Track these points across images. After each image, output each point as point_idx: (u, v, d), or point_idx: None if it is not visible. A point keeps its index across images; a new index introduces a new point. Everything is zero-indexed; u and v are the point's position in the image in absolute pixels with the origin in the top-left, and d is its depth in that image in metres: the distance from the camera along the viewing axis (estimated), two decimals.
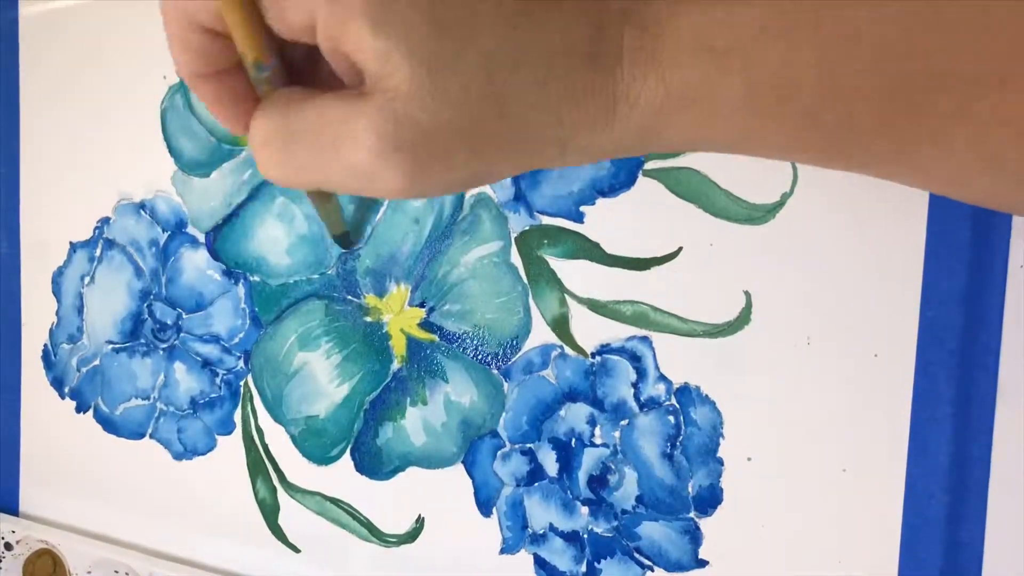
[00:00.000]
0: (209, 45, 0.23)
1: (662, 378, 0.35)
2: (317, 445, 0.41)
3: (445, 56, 0.21)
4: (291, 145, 0.23)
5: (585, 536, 0.36)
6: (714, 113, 0.22)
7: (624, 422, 0.36)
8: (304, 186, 0.24)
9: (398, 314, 0.39)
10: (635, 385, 0.35)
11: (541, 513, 0.37)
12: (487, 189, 0.37)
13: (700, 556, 0.35)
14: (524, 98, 0.22)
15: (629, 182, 0.35)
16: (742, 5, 0.21)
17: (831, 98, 0.21)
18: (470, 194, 0.37)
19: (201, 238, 0.42)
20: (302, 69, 0.25)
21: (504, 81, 0.21)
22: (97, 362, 0.45)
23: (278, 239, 0.40)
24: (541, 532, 0.37)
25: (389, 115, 0.21)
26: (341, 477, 0.40)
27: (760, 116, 0.22)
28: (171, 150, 0.43)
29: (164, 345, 0.43)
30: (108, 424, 0.45)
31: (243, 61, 0.24)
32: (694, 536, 0.35)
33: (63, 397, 0.46)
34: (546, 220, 0.36)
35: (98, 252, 0.45)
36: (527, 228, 0.37)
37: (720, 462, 0.35)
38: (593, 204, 0.36)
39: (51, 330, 0.46)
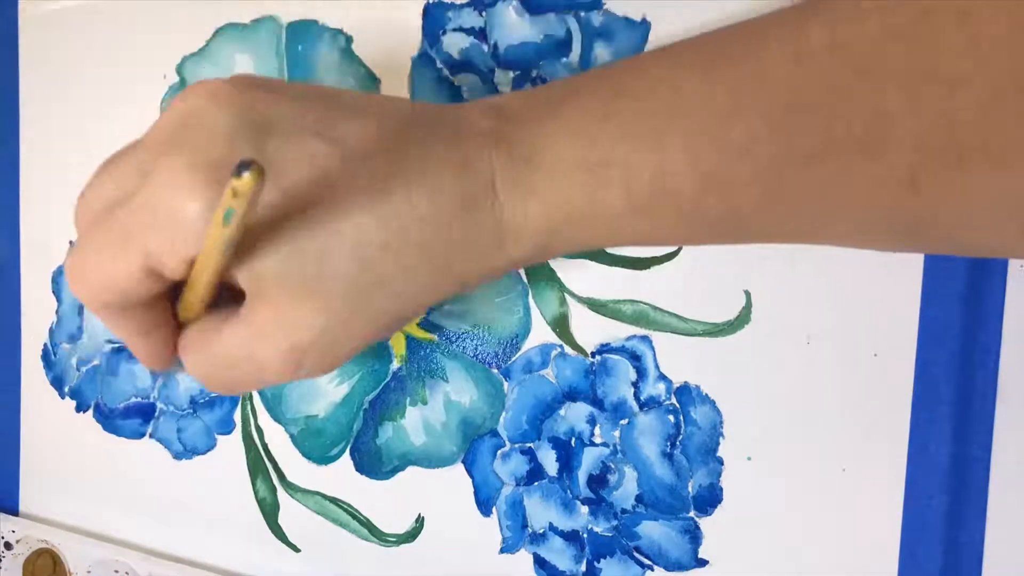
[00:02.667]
0: (146, 284, 0.24)
1: (662, 377, 0.35)
2: (316, 444, 0.41)
3: (311, 264, 0.22)
4: (224, 372, 0.25)
5: (585, 535, 0.36)
6: (601, 224, 0.23)
7: (624, 421, 0.36)
8: (249, 390, 0.28)
9: None
10: (635, 384, 0.35)
11: (541, 512, 0.37)
12: None
13: (700, 555, 0.35)
14: (405, 266, 0.23)
15: None
16: (609, 118, 0.22)
17: (709, 192, 0.22)
18: None
19: None
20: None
21: (379, 259, 0.22)
22: (97, 361, 0.45)
23: None
24: (541, 531, 0.37)
25: (288, 331, 0.23)
26: (341, 476, 0.40)
27: (646, 219, 0.23)
28: None
29: None
30: (108, 423, 0.45)
31: (186, 302, 0.26)
32: (694, 535, 0.35)
33: (63, 396, 0.46)
34: None
35: None
36: None
37: (720, 461, 0.35)
38: None
39: (51, 329, 0.46)
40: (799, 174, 0.21)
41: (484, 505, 0.38)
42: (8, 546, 0.47)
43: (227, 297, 0.25)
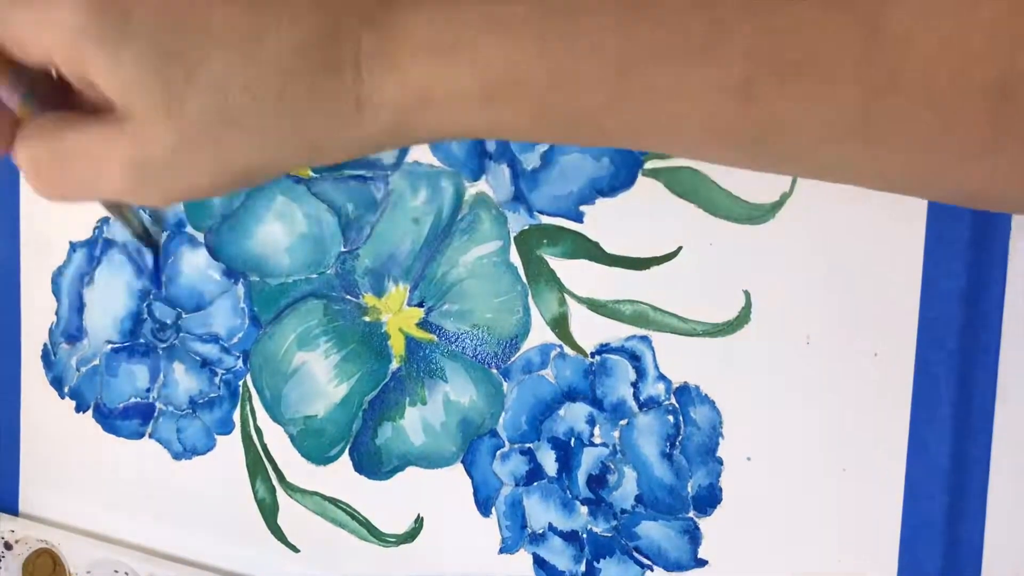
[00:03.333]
0: None
1: (661, 377, 0.35)
2: (316, 445, 0.41)
3: (177, 84, 0.24)
4: (60, 168, 0.26)
5: (584, 536, 0.36)
6: (455, 108, 0.24)
7: (623, 422, 0.36)
8: (79, 201, 0.27)
9: (396, 314, 0.39)
10: (634, 384, 0.35)
11: (540, 513, 0.37)
12: (486, 188, 0.37)
13: (699, 556, 0.35)
14: (262, 110, 0.24)
15: (629, 182, 0.35)
16: (467, 5, 0.24)
17: (558, 85, 0.23)
18: (469, 193, 0.37)
19: (200, 237, 0.42)
20: (62, 90, 0.27)
21: (239, 98, 0.24)
22: (97, 362, 0.45)
23: (277, 238, 0.40)
24: (540, 532, 0.37)
25: (138, 141, 0.24)
26: (340, 477, 0.40)
27: (498, 107, 0.24)
28: None
29: (164, 345, 0.43)
30: (108, 424, 0.45)
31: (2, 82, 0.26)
32: (693, 536, 0.35)
33: (63, 397, 0.46)
34: (546, 220, 0.36)
35: (98, 252, 0.45)
36: (526, 227, 0.37)
37: (719, 462, 0.35)
38: (593, 204, 0.36)
39: (51, 330, 0.46)
40: (643, 74, 0.23)
41: (483, 505, 0.38)
42: (8, 546, 0.47)
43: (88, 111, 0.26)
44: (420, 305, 0.38)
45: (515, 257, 0.37)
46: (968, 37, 0.20)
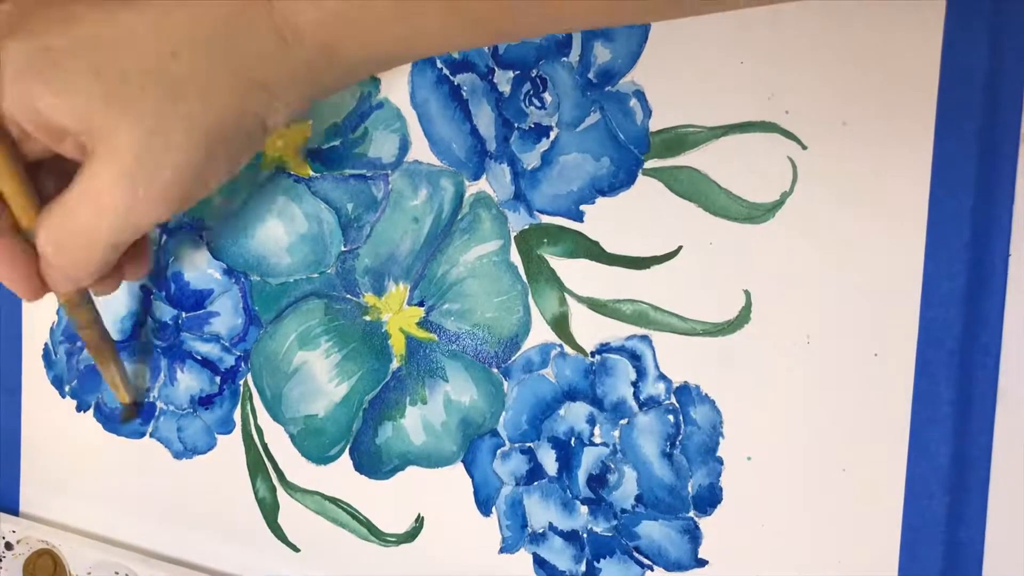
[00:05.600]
0: None
1: (662, 377, 0.35)
2: (316, 444, 0.41)
3: (112, 85, 0.25)
4: (67, 224, 0.27)
5: (584, 535, 0.36)
6: (373, 21, 0.25)
7: (624, 421, 0.36)
8: (94, 263, 0.29)
9: (397, 313, 0.39)
10: (635, 384, 0.35)
11: (540, 512, 0.37)
12: (486, 187, 0.37)
13: (699, 555, 0.35)
14: (194, 67, 0.25)
15: (629, 181, 0.35)
16: None
17: None
18: (469, 193, 0.37)
19: (201, 237, 0.42)
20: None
21: (171, 66, 0.25)
22: None
23: (278, 238, 0.40)
24: (540, 531, 0.37)
25: (111, 152, 0.25)
26: (340, 476, 0.40)
27: (413, 16, 0.25)
28: None
29: (164, 344, 0.43)
30: (109, 423, 0.45)
31: (14, 208, 0.28)
32: (693, 535, 0.35)
33: (63, 396, 0.46)
34: (546, 219, 0.36)
35: None
36: (527, 227, 0.37)
37: (720, 461, 0.35)
38: (593, 203, 0.36)
39: (51, 329, 0.46)
40: None
41: (484, 505, 0.38)
42: (8, 546, 0.47)
43: None
44: (420, 304, 0.38)
45: (515, 256, 0.37)
46: None
